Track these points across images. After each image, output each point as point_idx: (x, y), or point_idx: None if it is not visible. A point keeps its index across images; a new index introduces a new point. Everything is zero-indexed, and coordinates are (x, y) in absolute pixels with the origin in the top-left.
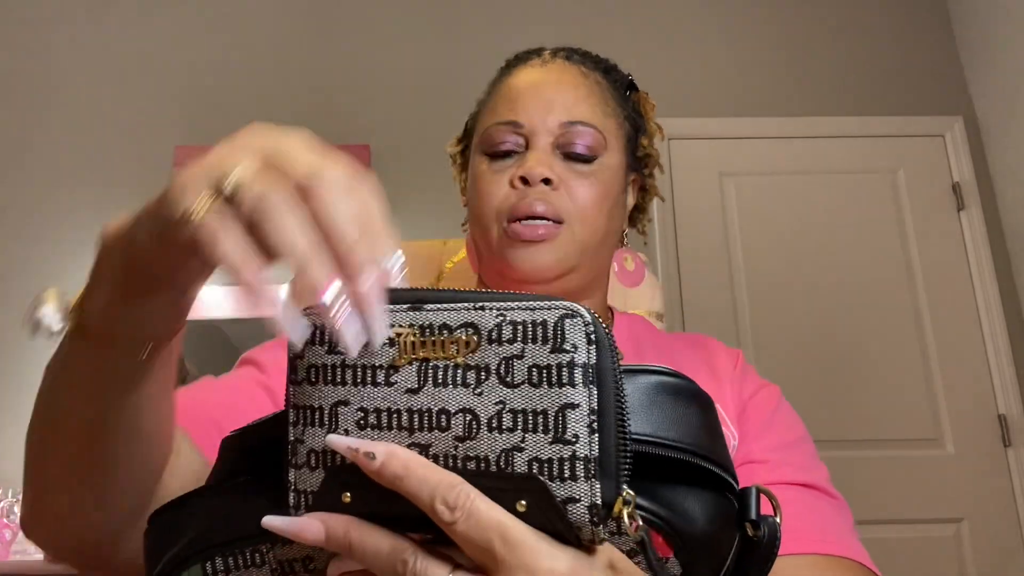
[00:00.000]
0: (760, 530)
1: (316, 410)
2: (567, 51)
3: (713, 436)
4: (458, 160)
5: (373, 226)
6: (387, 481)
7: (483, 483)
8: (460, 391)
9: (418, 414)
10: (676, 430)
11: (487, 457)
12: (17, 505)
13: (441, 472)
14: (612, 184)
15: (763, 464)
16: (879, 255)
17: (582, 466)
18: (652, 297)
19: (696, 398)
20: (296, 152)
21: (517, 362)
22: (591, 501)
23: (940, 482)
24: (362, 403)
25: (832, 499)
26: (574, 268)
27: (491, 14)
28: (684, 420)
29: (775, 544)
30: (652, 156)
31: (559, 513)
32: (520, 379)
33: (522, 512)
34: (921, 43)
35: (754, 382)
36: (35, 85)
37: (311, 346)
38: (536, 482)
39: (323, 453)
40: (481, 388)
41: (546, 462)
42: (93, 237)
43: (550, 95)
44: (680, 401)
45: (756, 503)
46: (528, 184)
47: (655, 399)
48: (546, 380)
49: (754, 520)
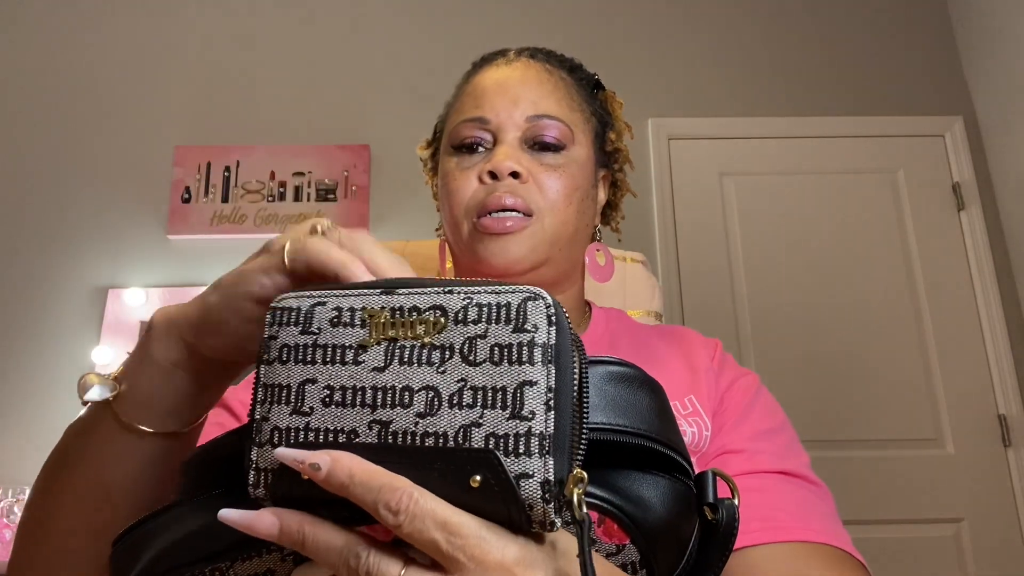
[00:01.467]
0: (718, 513)
1: (284, 388)
2: (531, 50)
3: (665, 420)
4: (429, 164)
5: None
6: (334, 489)
7: (439, 464)
8: (424, 369)
9: (382, 391)
10: (628, 416)
11: (446, 433)
12: (17, 505)
13: (384, 476)
14: (581, 177)
15: (740, 453)
16: (879, 255)
17: (536, 442)
18: (651, 297)
19: (645, 384)
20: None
21: (480, 341)
22: (543, 477)
23: (940, 482)
24: (329, 381)
25: (812, 485)
26: (545, 261)
27: (491, 15)
28: (635, 406)
29: (734, 526)
30: (621, 151)
31: (511, 489)
32: (482, 358)
33: (476, 487)
34: (921, 43)
35: (732, 371)
36: (35, 85)
37: (285, 326)
38: (491, 456)
39: (286, 431)
40: (445, 367)
41: (502, 437)
42: (93, 237)
43: (515, 91)
44: (630, 388)
45: (713, 486)
46: (496, 178)
47: (604, 388)
48: (507, 358)
49: (712, 503)
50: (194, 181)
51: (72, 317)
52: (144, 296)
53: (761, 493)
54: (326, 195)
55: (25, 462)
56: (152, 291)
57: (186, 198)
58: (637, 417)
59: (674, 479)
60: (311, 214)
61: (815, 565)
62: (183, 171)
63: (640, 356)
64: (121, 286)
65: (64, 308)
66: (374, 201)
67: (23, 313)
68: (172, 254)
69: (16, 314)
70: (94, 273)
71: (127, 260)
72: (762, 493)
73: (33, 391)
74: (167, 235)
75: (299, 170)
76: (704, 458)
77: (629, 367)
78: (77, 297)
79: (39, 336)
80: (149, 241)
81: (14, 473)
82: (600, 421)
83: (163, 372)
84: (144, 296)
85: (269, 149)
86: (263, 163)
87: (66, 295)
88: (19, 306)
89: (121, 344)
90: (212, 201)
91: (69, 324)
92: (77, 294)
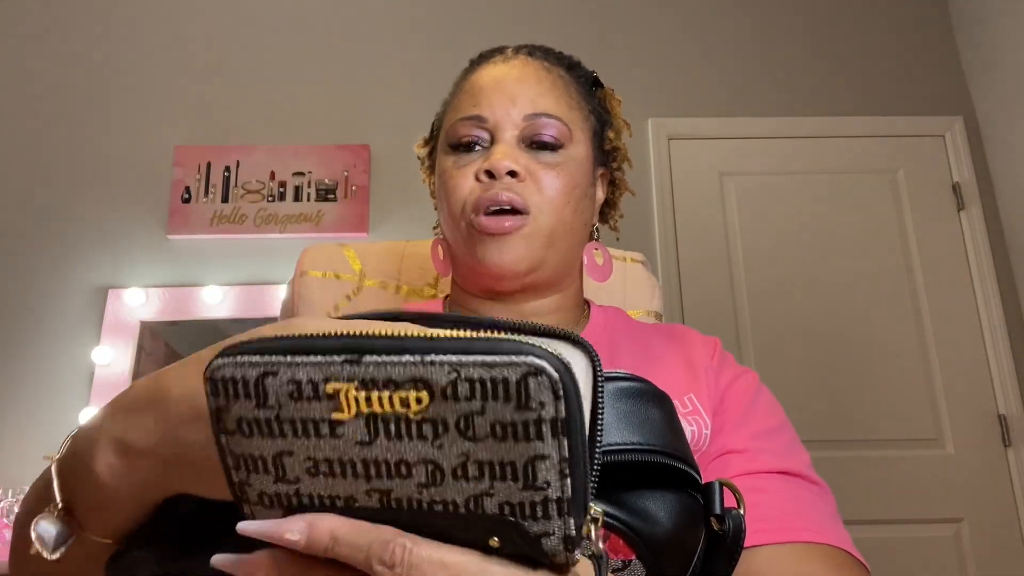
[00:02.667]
0: (725, 524)
1: (258, 459)
2: (529, 48)
3: (675, 433)
4: (426, 162)
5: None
6: (320, 552)
7: (453, 524)
8: (418, 443)
9: (374, 463)
10: (642, 433)
11: (455, 501)
12: (17, 505)
13: (372, 531)
14: (579, 176)
15: (742, 453)
16: (879, 255)
17: (555, 506)
18: (652, 297)
19: (655, 398)
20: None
21: (478, 418)
22: (564, 534)
23: (940, 482)
24: (309, 453)
25: (813, 485)
26: (543, 260)
27: (491, 15)
28: (648, 422)
29: (740, 537)
30: (620, 150)
31: (533, 544)
32: (483, 434)
33: (495, 547)
34: (921, 43)
35: (731, 370)
36: (35, 86)
37: (236, 399)
38: (508, 521)
39: (276, 496)
40: (440, 441)
41: (517, 505)
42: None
43: (513, 89)
44: (642, 404)
45: (719, 497)
46: (494, 177)
47: (617, 405)
48: (512, 435)
49: (719, 514)
50: (194, 181)
51: (72, 317)
52: (144, 296)
53: (764, 493)
54: (326, 195)
55: (25, 462)
56: (152, 291)
57: (186, 198)
58: (651, 433)
59: (681, 492)
60: (311, 214)
61: (818, 566)
62: (183, 171)
63: (639, 354)
64: (121, 286)
65: (64, 308)
66: (374, 201)
67: (23, 313)
68: (172, 254)
69: (16, 314)
70: (94, 273)
71: (127, 260)
72: (765, 493)
73: (33, 391)
74: (167, 235)
75: (299, 170)
76: (705, 457)
77: (640, 382)
78: (77, 297)
79: (39, 336)
80: (149, 241)
81: (14, 473)
82: (615, 441)
83: (126, 497)
84: (144, 296)
85: (269, 149)
86: (263, 163)
87: (66, 295)
88: (19, 306)
89: (121, 344)
90: (212, 201)
91: (69, 324)
92: (77, 294)
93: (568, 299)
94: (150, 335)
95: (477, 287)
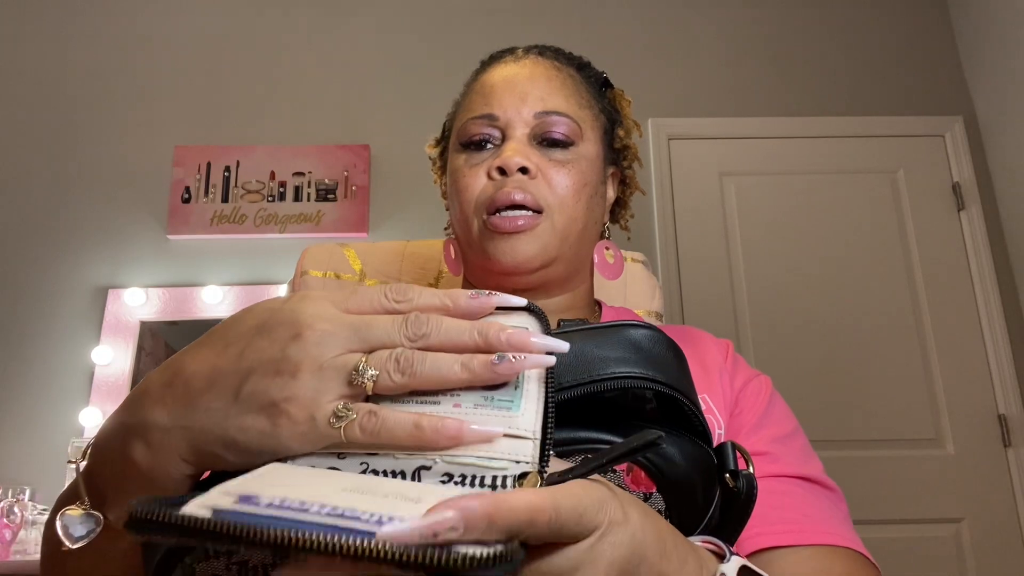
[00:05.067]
0: (739, 481)
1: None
2: (540, 48)
3: (690, 384)
4: (438, 163)
5: (459, 303)
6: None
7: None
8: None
9: None
10: (662, 372)
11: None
12: (17, 505)
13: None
14: (590, 173)
15: (763, 456)
16: (879, 255)
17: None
18: (652, 297)
19: (671, 348)
20: (371, 319)
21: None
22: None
23: (940, 482)
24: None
25: (829, 491)
26: (555, 258)
27: (491, 14)
28: (667, 365)
29: (752, 495)
30: (630, 148)
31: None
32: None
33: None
34: (921, 43)
35: (745, 373)
36: (35, 86)
37: (207, 561)
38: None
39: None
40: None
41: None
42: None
43: (524, 88)
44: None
45: (733, 456)
46: (505, 174)
47: (640, 344)
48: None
49: (733, 471)
50: (194, 181)
51: (72, 317)
52: (144, 296)
53: (785, 496)
54: (326, 195)
55: (25, 462)
56: (152, 291)
57: (186, 198)
58: (669, 375)
59: (693, 441)
60: (311, 215)
61: (837, 567)
62: (183, 171)
63: None
64: (121, 286)
65: (64, 308)
66: (374, 201)
67: (23, 313)
68: (172, 254)
69: (16, 314)
70: (94, 273)
71: (127, 260)
72: (786, 496)
73: (33, 391)
74: (167, 235)
75: (299, 170)
76: None
77: (660, 332)
78: (77, 297)
79: (39, 336)
80: (149, 241)
81: (14, 473)
82: (634, 371)
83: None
84: (144, 296)
85: (269, 149)
86: (263, 163)
87: (66, 295)
88: (19, 306)
89: (121, 344)
90: (212, 201)
91: (69, 324)
92: (77, 294)
93: (579, 298)
94: (150, 335)
95: (488, 285)
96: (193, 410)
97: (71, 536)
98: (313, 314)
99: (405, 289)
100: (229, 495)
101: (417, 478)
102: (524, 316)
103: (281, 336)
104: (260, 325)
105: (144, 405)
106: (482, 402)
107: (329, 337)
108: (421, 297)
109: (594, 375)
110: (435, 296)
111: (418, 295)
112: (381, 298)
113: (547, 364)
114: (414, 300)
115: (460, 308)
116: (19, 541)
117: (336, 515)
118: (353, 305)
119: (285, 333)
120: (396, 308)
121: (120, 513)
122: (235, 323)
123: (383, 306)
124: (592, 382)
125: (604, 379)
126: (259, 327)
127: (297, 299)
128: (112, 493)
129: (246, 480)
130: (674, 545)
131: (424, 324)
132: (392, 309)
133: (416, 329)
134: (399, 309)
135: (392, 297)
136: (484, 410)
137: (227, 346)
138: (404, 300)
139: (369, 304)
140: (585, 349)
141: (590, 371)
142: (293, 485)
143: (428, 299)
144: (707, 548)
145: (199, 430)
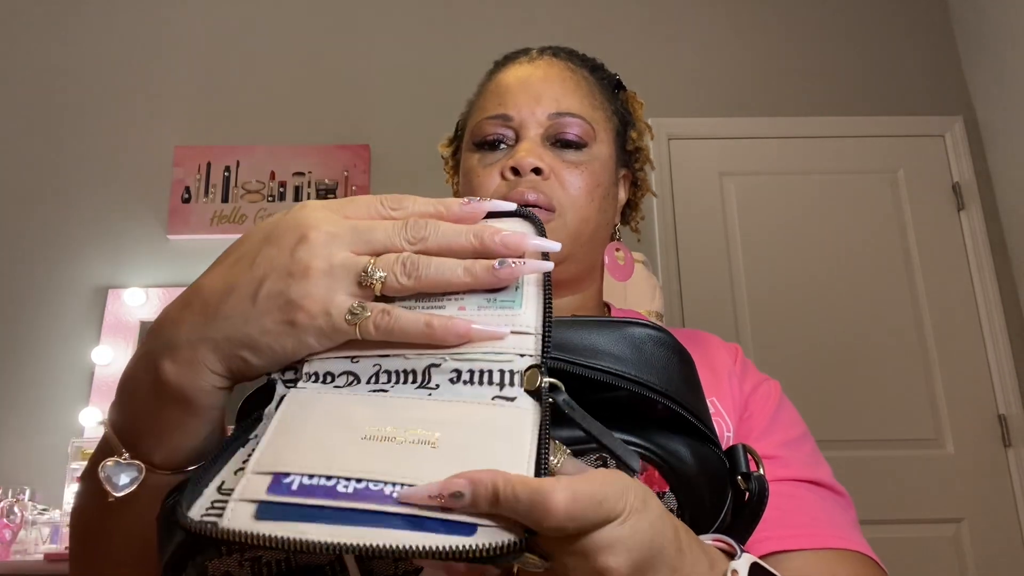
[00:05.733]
0: (751, 483)
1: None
2: (554, 49)
3: (693, 390)
4: (450, 163)
5: (452, 210)
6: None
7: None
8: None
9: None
10: (659, 377)
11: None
12: (17, 505)
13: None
14: (602, 175)
15: (773, 459)
16: (879, 255)
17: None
18: (652, 296)
19: (676, 351)
20: (369, 224)
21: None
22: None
23: (940, 482)
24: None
25: (838, 496)
26: (566, 258)
27: (491, 14)
28: (667, 369)
29: (764, 497)
30: (642, 150)
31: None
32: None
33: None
34: (921, 43)
35: (754, 377)
36: (35, 86)
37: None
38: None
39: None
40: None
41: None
42: (93, 237)
43: (538, 88)
44: (664, 351)
45: (744, 459)
46: (519, 174)
47: (642, 346)
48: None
49: (745, 473)
50: (194, 181)
51: (72, 317)
52: (144, 296)
53: (796, 500)
54: (326, 195)
55: (25, 462)
56: (152, 291)
57: (186, 198)
58: (667, 381)
59: (703, 443)
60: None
61: (846, 571)
62: (183, 171)
63: None
64: (121, 286)
65: (64, 308)
66: None
67: (23, 313)
68: (172, 254)
69: (16, 314)
70: (94, 273)
71: (127, 260)
72: (795, 500)
73: (33, 391)
74: (167, 235)
75: (299, 170)
76: None
77: (665, 334)
78: (77, 297)
79: (39, 336)
80: (149, 241)
81: (14, 473)
82: (620, 369)
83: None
84: (144, 296)
85: (269, 149)
86: (263, 163)
87: (66, 295)
88: (19, 306)
89: (121, 344)
90: (212, 201)
91: (69, 324)
92: (77, 294)
93: (588, 299)
94: None
95: None
96: (214, 321)
97: (115, 485)
98: (316, 218)
99: (400, 197)
100: (263, 475)
101: (427, 375)
102: (517, 221)
103: (288, 241)
104: (267, 236)
105: (166, 328)
106: (485, 304)
107: (334, 238)
108: (416, 204)
109: (576, 359)
110: (429, 203)
111: (412, 203)
112: (377, 205)
113: (546, 269)
114: (409, 207)
115: (454, 214)
116: (19, 541)
117: (361, 494)
118: (351, 212)
119: (291, 238)
120: (392, 215)
121: (162, 453)
122: (242, 241)
123: (379, 213)
124: (571, 363)
125: (583, 365)
126: (266, 237)
127: (298, 208)
128: (147, 433)
129: (273, 440)
130: (688, 542)
131: (423, 228)
132: (388, 216)
133: (415, 232)
134: (395, 216)
135: (388, 204)
136: (488, 311)
137: (238, 260)
138: (399, 207)
139: (366, 211)
140: (578, 335)
141: (575, 356)
142: (315, 438)
143: (423, 206)
144: (718, 546)
145: (223, 338)
